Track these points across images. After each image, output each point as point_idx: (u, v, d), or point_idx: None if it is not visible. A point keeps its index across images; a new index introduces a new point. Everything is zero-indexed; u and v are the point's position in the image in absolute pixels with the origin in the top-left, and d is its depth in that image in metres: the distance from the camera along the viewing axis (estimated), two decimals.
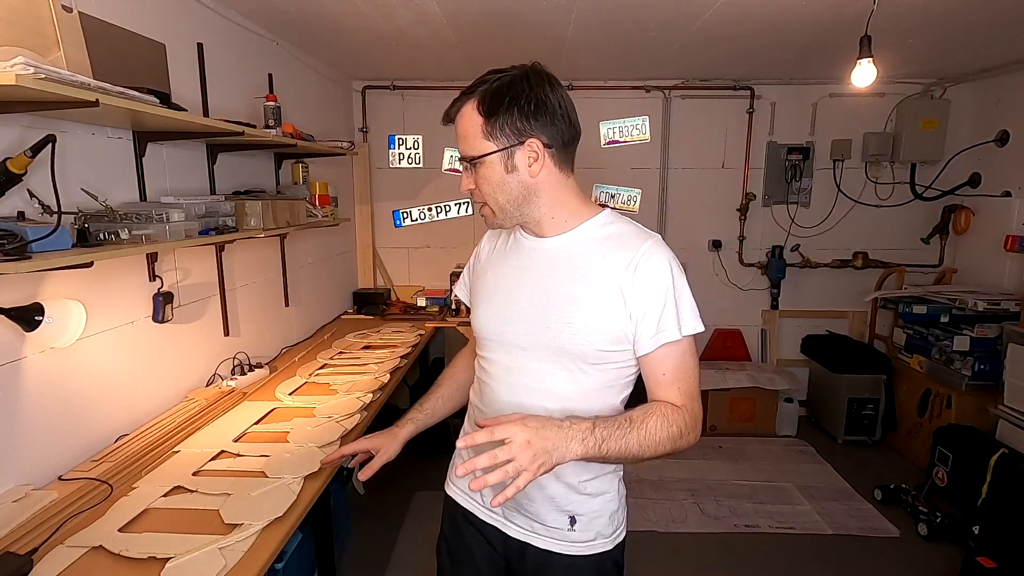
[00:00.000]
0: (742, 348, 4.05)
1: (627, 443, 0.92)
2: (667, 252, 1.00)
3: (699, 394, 1.01)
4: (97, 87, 1.17)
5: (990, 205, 3.47)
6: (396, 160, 3.88)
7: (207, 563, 1.11)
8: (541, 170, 0.98)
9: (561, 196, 1.02)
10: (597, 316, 0.98)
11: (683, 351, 1.00)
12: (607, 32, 2.64)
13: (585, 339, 0.99)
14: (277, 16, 2.38)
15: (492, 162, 0.98)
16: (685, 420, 0.97)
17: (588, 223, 1.03)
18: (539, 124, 0.96)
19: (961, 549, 2.50)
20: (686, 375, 1.00)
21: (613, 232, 1.02)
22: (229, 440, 1.68)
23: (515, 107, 0.95)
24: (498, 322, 1.08)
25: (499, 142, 0.96)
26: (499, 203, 1.01)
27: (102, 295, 1.59)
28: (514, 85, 0.95)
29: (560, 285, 1.01)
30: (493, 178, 0.99)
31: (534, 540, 1.09)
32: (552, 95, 0.97)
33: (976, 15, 2.35)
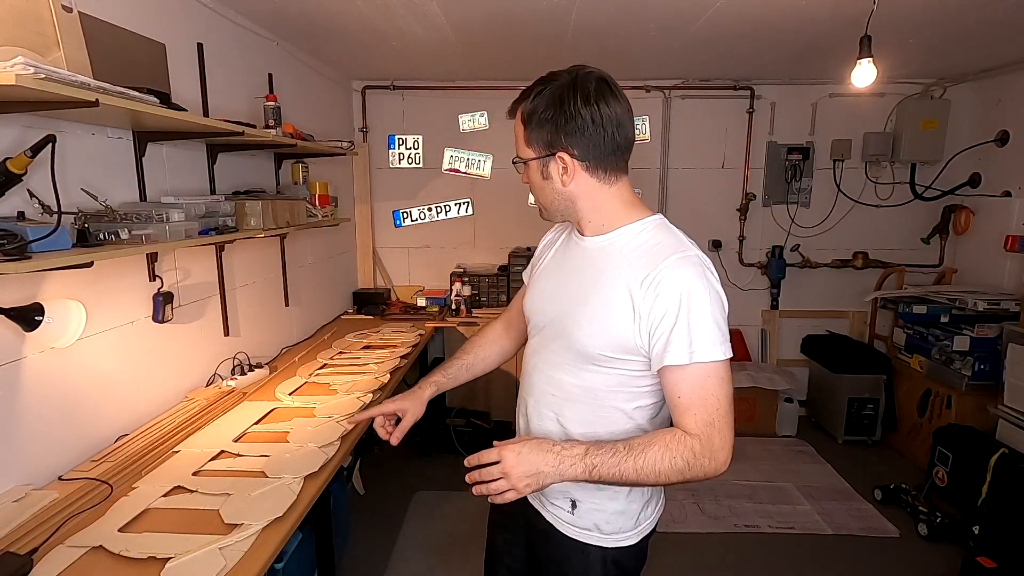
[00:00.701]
0: (742, 348, 4.05)
1: (622, 471, 0.93)
2: (692, 270, 0.96)
3: (725, 424, 0.94)
4: (97, 87, 1.17)
5: (990, 205, 3.47)
6: (396, 160, 3.88)
7: (207, 563, 1.11)
8: (572, 180, 1.02)
9: (598, 203, 1.05)
10: (606, 321, 1.00)
11: (704, 376, 0.94)
12: (607, 32, 2.64)
13: (590, 340, 1.01)
14: (277, 16, 2.38)
15: (532, 167, 1.06)
16: (694, 451, 0.93)
17: (625, 229, 1.04)
18: (569, 138, 0.99)
19: (961, 549, 2.50)
20: (704, 402, 0.94)
21: (646, 241, 1.02)
22: (229, 440, 1.68)
23: (547, 122, 1.00)
24: (533, 306, 1.17)
25: (535, 151, 1.04)
26: (543, 202, 1.10)
27: (102, 295, 1.59)
28: (553, 99, 1.00)
29: (583, 283, 1.05)
30: (535, 181, 1.08)
31: (543, 513, 1.17)
32: (586, 110, 0.98)
33: (976, 15, 2.35)
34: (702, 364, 0.93)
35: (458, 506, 2.87)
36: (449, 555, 2.51)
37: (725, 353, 0.95)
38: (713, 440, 0.94)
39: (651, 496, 1.15)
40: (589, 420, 1.07)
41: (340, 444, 1.66)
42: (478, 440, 3.32)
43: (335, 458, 1.59)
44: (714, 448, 0.94)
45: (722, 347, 0.94)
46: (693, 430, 0.95)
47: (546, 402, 1.11)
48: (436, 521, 2.76)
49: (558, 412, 1.10)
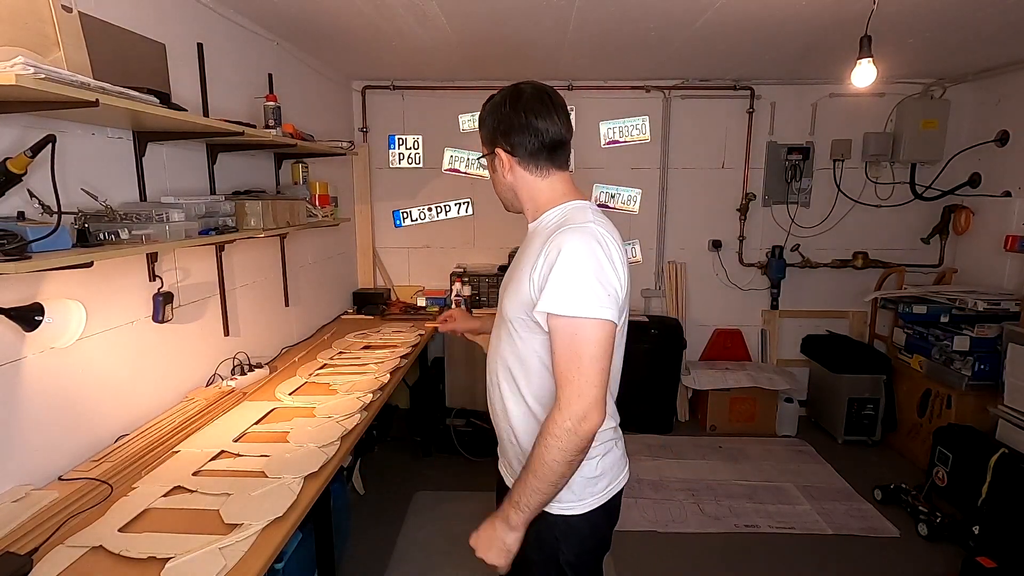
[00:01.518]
0: (742, 348, 4.05)
1: (534, 487, 1.06)
2: (574, 236, 1.07)
3: (584, 385, 1.02)
4: (97, 87, 1.17)
5: (990, 205, 3.47)
6: (396, 160, 3.88)
7: (207, 563, 1.11)
8: (509, 173, 1.21)
9: (533, 193, 1.22)
10: (518, 288, 1.14)
11: (573, 333, 1.03)
12: (607, 32, 2.64)
13: (510, 306, 1.17)
14: (277, 16, 2.38)
15: (488, 162, 1.27)
16: (556, 420, 1.02)
17: (549, 212, 1.20)
18: (504, 137, 1.18)
19: (961, 549, 2.50)
20: (570, 360, 1.03)
21: (556, 219, 1.17)
22: (229, 440, 1.68)
23: (488, 124, 1.21)
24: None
25: (485, 149, 1.25)
26: (497, 194, 1.29)
27: (102, 295, 1.59)
28: (494, 105, 1.20)
29: (516, 263, 1.22)
30: (491, 175, 1.28)
31: (506, 478, 1.32)
32: (515, 115, 1.16)
33: (976, 15, 2.35)
34: (571, 319, 1.03)
35: (458, 506, 2.87)
36: (449, 555, 2.51)
37: (596, 313, 1.02)
38: (569, 396, 1.02)
39: (599, 473, 1.21)
40: (524, 384, 1.19)
41: (340, 444, 1.66)
42: (478, 440, 3.32)
43: (335, 458, 1.59)
44: (569, 402, 1.02)
45: (595, 306, 1.02)
46: (560, 398, 1.03)
47: (494, 370, 1.26)
48: (436, 521, 2.76)
49: (501, 380, 1.23)
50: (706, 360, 4.04)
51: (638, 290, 4.03)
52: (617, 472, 1.26)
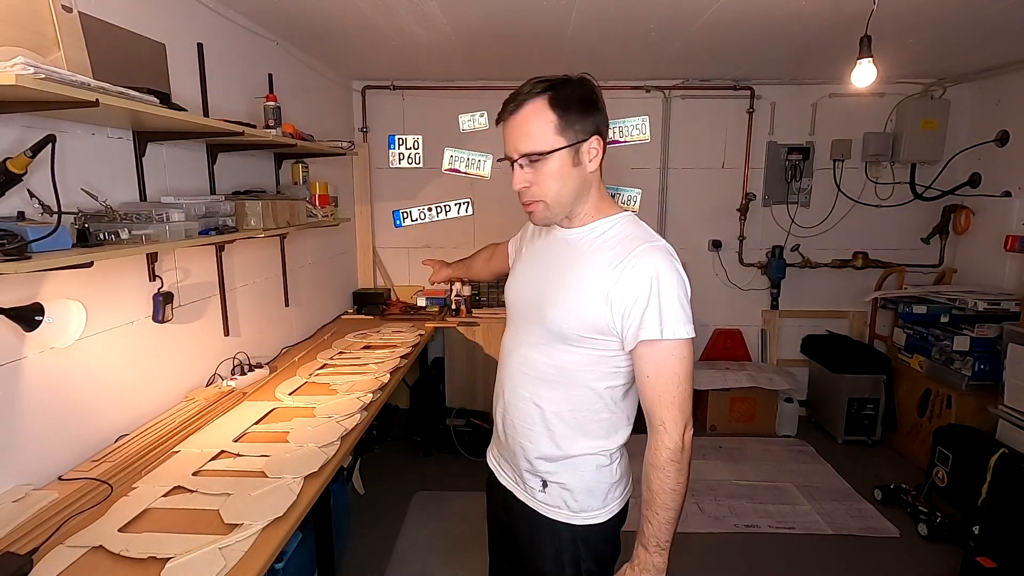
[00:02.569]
0: (742, 348, 4.05)
1: (669, 519, 1.05)
2: (660, 257, 1.04)
3: (683, 402, 1.04)
4: (97, 87, 1.17)
5: (990, 205, 3.47)
6: (396, 160, 3.88)
7: (207, 563, 1.11)
8: (597, 164, 1.10)
9: (601, 192, 1.15)
10: (577, 301, 1.07)
11: (667, 354, 1.03)
12: (607, 32, 2.64)
13: (564, 321, 1.08)
14: (277, 16, 2.38)
15: (561, 156, 1.06)
16: (667, 444, 1.03)
17: (605, 220, 1.13)
18: (603, 126, 1.09)
19: (961, 549, 2.50)
20: (669, 382, 1.03)
21: (620, 232, 1.11)
22: (229, 440, 1.68)
23: (584, 104, 1.06)
24: (512, 294, 1.23)
25: (570, 138, 1.05)
26: (561, 197, 1.09)
27: (102, 295, 1.59)
28: (579, 85, 1.07)
29: (561, 271, 1.13)
30: (559, 172, 1.07)
31: (516, 492, 1.24)
32: (602, 97, 1.10)
33: (976, 15, 2.35)
34: (670, 341, 1.02)
35: (458, 506, 2.87)
36: (449, 555, 2.51)
37: (689, 333, 1.03)
38: (674, 418, 1.03)
39: (619, 477, 1.20)
40: (561, 399, 1.13)
41: (340, 444, 1.66)
42: (478, 440, 3.32)
43: (335, 458, 1.59)
44: (675, 424, 1.03)
45: (687, 327, 1.03)
46: (656, 406, 1.04)
47: (522, 383, 1.18)
48: (436, 521, 2.76)
49: (533, 393, 1.16)
50: (706, 360, 4.04)
51: None
52: (630, 474, 1.26)
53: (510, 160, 1.09)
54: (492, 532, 1.40)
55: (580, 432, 1.14)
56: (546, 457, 1.16)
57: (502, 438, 1.26)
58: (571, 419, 1.13)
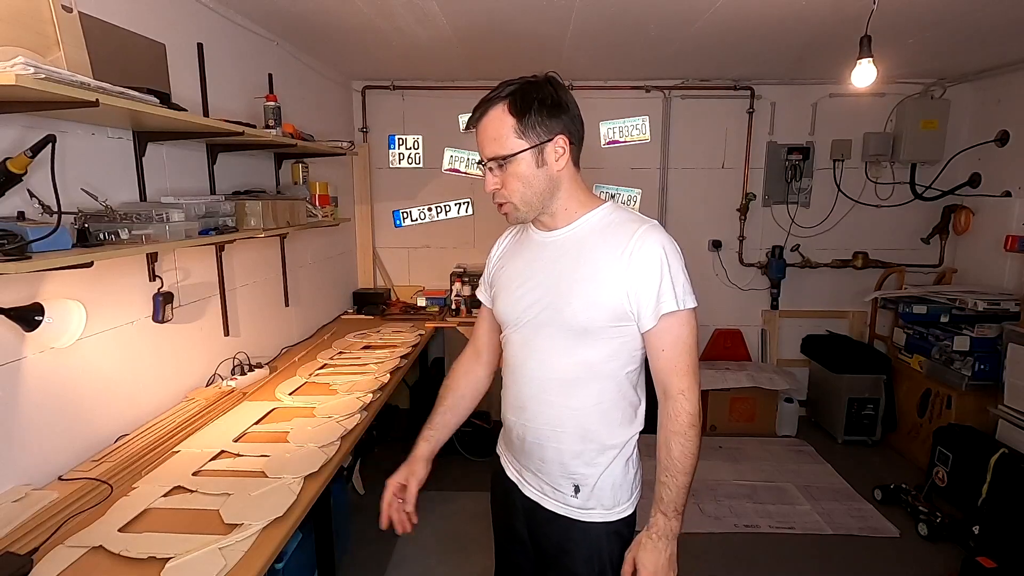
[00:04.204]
0: (742, 348, 4.05)
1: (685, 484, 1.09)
2: (661, 235, 1.09)
3: (696, 370, 1.10)
4: (97, 87, 1.17)
5: (990, 205, 3.47)
6: (396, 160, 3.88)
7: (207, 563, 1.11)
8: (565, 163, 1.11)
9: (574, 188, 1.15)
10: (596, 293, 1.09)
11: (681, 325, 1.08)
12: (607, 32, 2.64)
13: (586, 315, 1.09)
14: (277, 16, 2.38)
15: (524, 159, 1.08)
16: (688, 410, 1.08)
17: (592, 213, 1.15)
18: (563, 122, 1.09)
19: (961, 549, 2.50)
20: (684, 351, 1.09)
21: (613, 220, 1.14)
22: (229, 440, 1.68)
23: (544, 107, 1.07)
24: (516, 309, 1.20)
25: (531, 140, 1.07)
26: (527, 198, 1.12)
27: (102, 295, 1.59)
28: (540, 88, 1.09)
29: (566, 269, 1.13)
30: (524, 174, 1.09)
31: (543, 501, 1.21)
32: (567, 97, 1.11)
33: (976, 15, 2.35)
34: (685, 312, 1.08)
35: (458, 506, 2.87)
36: (449, 555, 2.51)
37: (695, 301, 1.10)
38: (693, 387, 1.09)
39: (639, 465, 1.23)
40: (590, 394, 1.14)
41: (340, 444, 1.66)
42: (478, 440, 3.32)
43: (335, 458, 1.59)
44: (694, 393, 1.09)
45: (692, 295, 1.10)
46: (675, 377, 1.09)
47: (546, 389, 1.16)
48: (436, 521, 2.76)
49: (559, 395, 1.15)
50: (706, 360, 4.03)
51: None
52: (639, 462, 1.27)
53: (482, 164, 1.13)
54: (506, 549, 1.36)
55: (609, 423, 1.15)
56: (580, 457, 1.15)
57: (527, 450, 1.21)
58: (599, 413, 1.15)
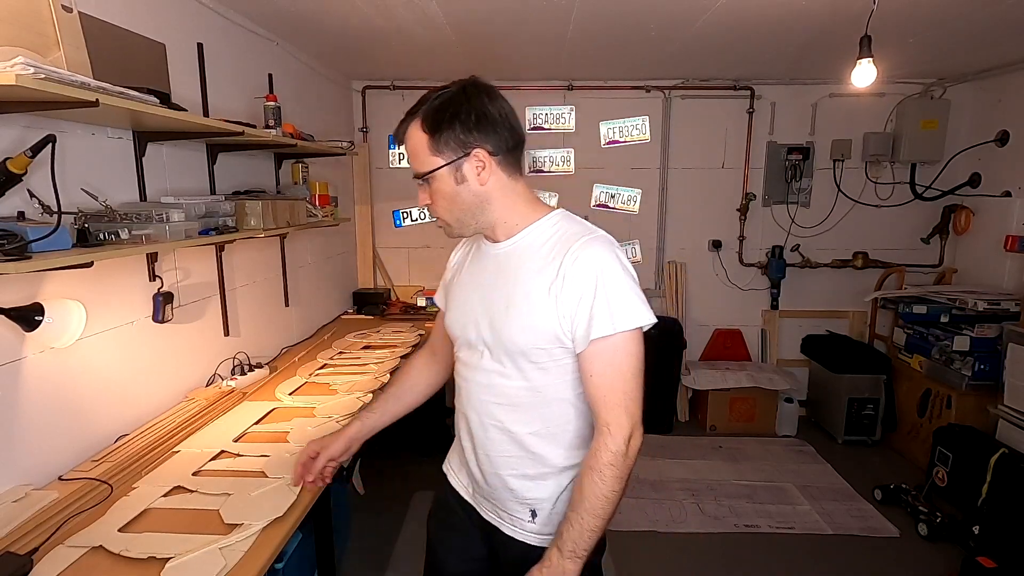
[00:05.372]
0: (742, 348, 4.05)
1: (593, 526, 0.97)
2: (599, 249, 0.99)
3: (631, 403, 0.98)
4: (97, 87, 1.17)
5: (990, 205, 3.47)
6: (396, 160, 3.88)
7: (207, 563, 1.11)
8: (490, 177, 1.02)
9: (511, 200, 1.07)
10: (531, 316, 1.01)
11: (614, 351, 0.97)
12: (607, 32, 2.64)
13: (523, 338, 1.02)
14: (277, 16, 2.38)
15: (442, 176, 1.02)
16: (608, 447, 0.97)
17: (535, 225, 1.07)
18: (482, 134, 1.00)
19: (961, 549, 2.50)
20: (617, 379, 0.98)
21: (555, 233, 1.05)
22: (229, 440, 1.68)
23: (457, 121, 0.99)
24: (459, 324, 1.15)
25: (446, 156, 1.01)
26: (454, 214, 1.06)
27: (102, 295, 1.59)
28: (454, 100, 1.01)
29: (503, 286, 1.06)
30: (446, 191, 1.03)
31: (500, 526, 1.15)
32: (492, 105, 1.02)
33: (976, 15, 2.35)
34: (621, 335, 0.97)
35: None
36: None
37: (644, 319, 0.98)
38: (619, 419, 0.97)
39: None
40: (535, 419, 1.08)
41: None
42: None
43: None
44: (620, 425, 0.97)
45: (641, 313, 0.98)
46: (602, 419, 0.98)
47: (489, 412, 1.10)
48: None
49: (502, 420, 1.09)
50: (706, 360, 4.04)
51: None
52: None
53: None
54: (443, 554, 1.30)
55: (562, 445, 1.09)
56: (533, 481, 1.10)
57: (478, 475, 1.16)
58: (550, 436, 1.08)
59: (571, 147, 3.84)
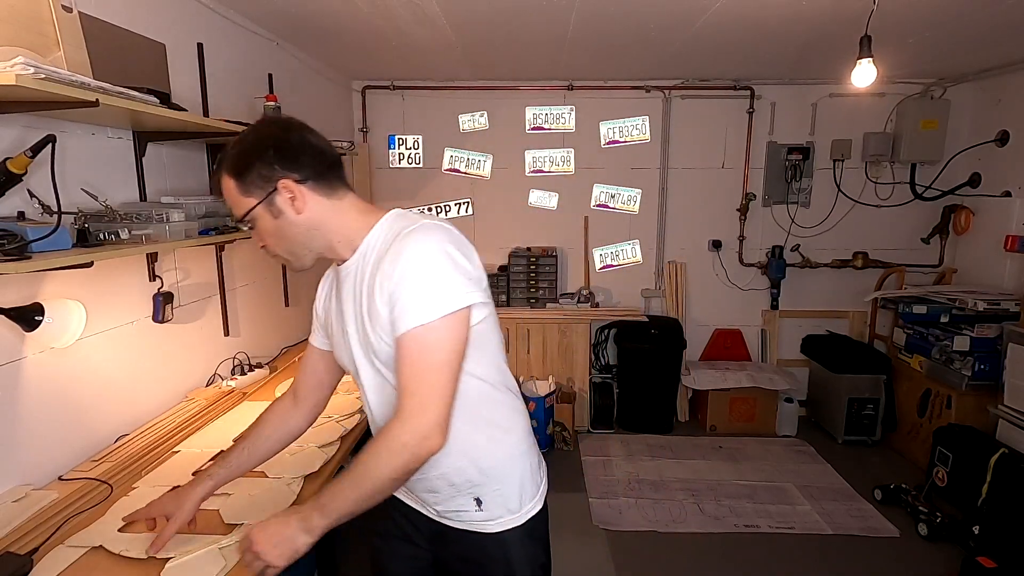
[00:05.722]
0: (742, 348, 4.05)
1: (351, 498, 0.94)
2: (410, 241, 0.96)
3: (435, 395, 0.94)
4: (97, 87, 1.17)
5: (990, 205, 3.47)
6: (396, 160, 3.88)
7: (207, 563, 1.11)
8: (306, 205, 1.01)
9: (340, 219, 1.05)
10: (379, 319, 0.99)
11: (420, 341, 0.94)
12: (607, 32, 2.64)
13: (385, 343, 1.00)
14: (277, 16, 2.38)
15: (259, 215, 1.01)
16: (397, 434, 0.93)
17: (369, 236, 1.05)
18: (284, 166, 0.99)
19: (961, 549, 2.50)
20: (423, 370, 0.94)
21: (384, 235, 1.03)
22: (229, 440, 1.68)
23: (256, 159, 0.99)
24: (337, 350, 1.16)
25: (256, 195, 1.00)
26: (286, 248, 1.06)
27: (102, 295, 1.59)
28: (249, 141, 1.01)
29: (357, 300, 1.05)
30: (269, 228, 1.03)
31: (449, 523, 1.15)
32: (289, 136, 1.01)
33: (976, 15, 2.35)
34: (422, 327, 0.93)
35: None
36: None
37: (451, 305, 0.93)
38: (415, 408, 0.93)
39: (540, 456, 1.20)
40: None
41: (340, 444, 1.66)
42: None
43: (335, 458, 1.59)
44: (417, 420, 0.93)
45: (440, 302, 0.93)
46: (403, 408, 0.94)
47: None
48: None
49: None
50: (706, 360, 4.04)
51: (638, 290, 4.03)
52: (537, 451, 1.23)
53: None
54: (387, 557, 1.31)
55: (480, 434, 1.08)
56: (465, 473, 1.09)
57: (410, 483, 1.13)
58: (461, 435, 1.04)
59: (571, 147, 3.84)
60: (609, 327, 3.95)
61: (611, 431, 3.77)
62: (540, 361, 3.67)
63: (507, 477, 1.11)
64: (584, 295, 3.82)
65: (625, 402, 3.79)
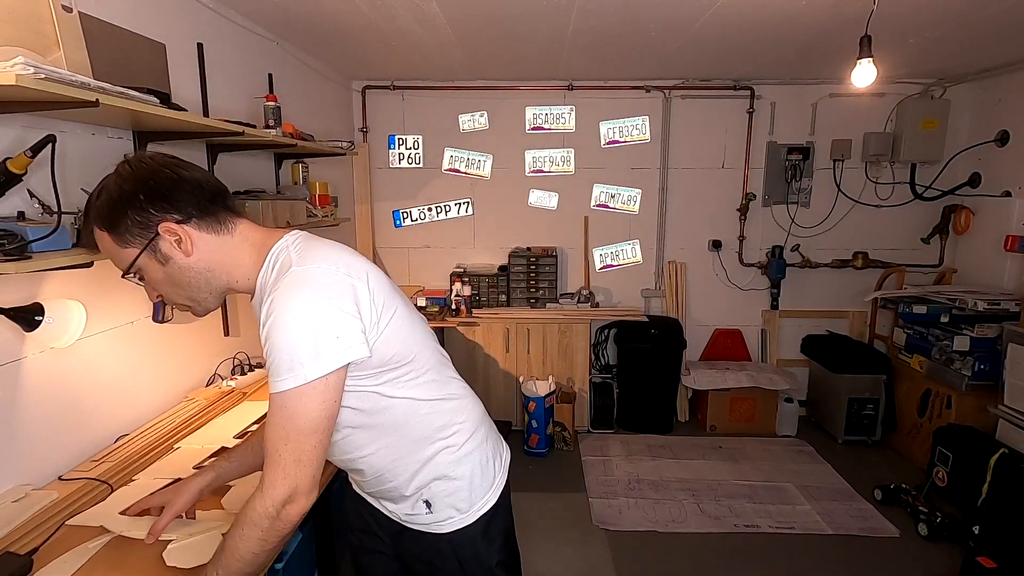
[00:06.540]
0: (742, 348, 4.05)
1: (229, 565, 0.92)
2: (280, 294, 0.88)
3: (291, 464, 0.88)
4: (97, 87, 1.17)
5: (990, 205, 3.47)
6: (396, 160, 3.89)
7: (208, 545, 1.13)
8: (194, 245, 0.94)
9: (234, 254, 0.98)
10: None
11: (281, 407, 0.88)
12: (607, 32, 2.64)
13: None
14: (277, 16, 2.38)
15: (145, 265, 0.94)
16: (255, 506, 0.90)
17: (263, 268, 0.98)
18: (159, 208, 0.91)
19: (961, 549, 2.50)
20: (280, 439, 0.88)
21: (273, 271, 0.96)
22: (230, 436, 1.69)
23: (126, 207, 0.90)
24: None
25: (136, 244, 0.92)
26: (184, 294, 0.98)
27: (102, 295, 1.59)
28: (113, 189, 0.91)
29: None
30: (159, 277, 0.95)
31: (404, 523, 1.15)
32: (156, 175, 0.92)
33: (976, 15, 2.35)
34: (292, 391, 0.87)
35: None
36: None
37: (307, 375, 0.86)
38: (277, 485, 0.89)
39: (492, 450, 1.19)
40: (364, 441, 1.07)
41: None
42: None
43: None
44: (276, 492, 0.89)
45: (303, 369, 0.86)
46: (264, 479, 0.90)
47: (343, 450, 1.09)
48: None
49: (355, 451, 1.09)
50: (706, 360, 4.04)
51: (638, 290, 4.03)
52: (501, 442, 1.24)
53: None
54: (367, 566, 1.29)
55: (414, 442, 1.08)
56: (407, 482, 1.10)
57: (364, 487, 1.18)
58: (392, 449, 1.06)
59: (571, 147, 3.84)
60: (609, 327, 3.96)
61: (611, 431, 3.77)
62: (540, 361, 3.67)
63: (454, 480, 1.11)
64: (584, 295, 3.82)
65: (625, 402, 3.79)
